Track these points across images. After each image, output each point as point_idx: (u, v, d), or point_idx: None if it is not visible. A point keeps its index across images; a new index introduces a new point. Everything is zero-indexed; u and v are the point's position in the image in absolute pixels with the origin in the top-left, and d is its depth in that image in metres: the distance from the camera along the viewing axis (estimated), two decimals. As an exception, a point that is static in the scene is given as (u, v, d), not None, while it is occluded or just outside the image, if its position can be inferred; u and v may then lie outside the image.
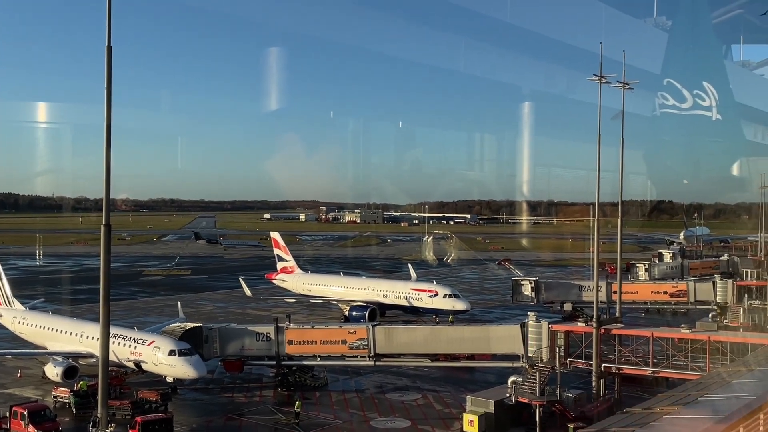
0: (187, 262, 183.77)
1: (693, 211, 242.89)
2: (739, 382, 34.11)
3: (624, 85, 60.86)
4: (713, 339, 54.31)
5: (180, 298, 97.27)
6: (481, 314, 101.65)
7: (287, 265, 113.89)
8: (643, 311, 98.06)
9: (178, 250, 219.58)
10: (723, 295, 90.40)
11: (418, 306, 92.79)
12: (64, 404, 55.16)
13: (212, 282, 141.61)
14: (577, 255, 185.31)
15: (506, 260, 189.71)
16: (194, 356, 56.50)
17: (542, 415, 49.25)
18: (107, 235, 28.36)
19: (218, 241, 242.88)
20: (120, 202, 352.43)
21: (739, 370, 38.86)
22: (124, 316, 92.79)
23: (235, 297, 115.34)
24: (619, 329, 58.20)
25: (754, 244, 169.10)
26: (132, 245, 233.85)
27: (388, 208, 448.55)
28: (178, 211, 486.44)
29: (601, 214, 63.07)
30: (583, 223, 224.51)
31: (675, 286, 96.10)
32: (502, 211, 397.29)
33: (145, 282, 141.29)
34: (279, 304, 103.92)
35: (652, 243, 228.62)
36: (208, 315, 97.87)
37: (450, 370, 65.63)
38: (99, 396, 29.93)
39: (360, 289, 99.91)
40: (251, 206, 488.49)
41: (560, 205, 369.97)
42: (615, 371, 56.19)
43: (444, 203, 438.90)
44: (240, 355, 61.99)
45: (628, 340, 57.33)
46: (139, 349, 57.57)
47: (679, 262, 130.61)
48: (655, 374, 54.71)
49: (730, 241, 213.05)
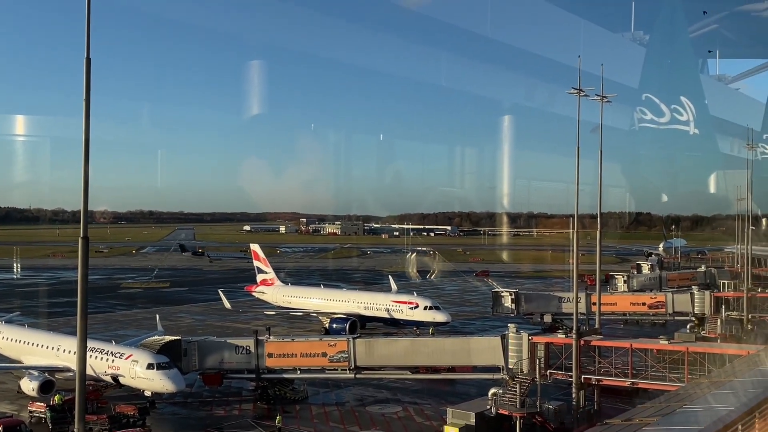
0: (165, 274, 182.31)
1: (671, 222, 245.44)
2: (717, 393, 34.37)
3: (602, 99, 61.37)
4: (691, 350, 54.77)
5: (158, 311, 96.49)
6: (461, 326, 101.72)
7: (267, 277, 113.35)
8: (622, 322, 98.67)
9: (157, 263, 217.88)
10: (701, 306, 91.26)
11: (398, 318, 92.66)
12: (40, 419, 54.26)
13: (191, 294, 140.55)
14: (556, 267, 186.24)
15: (484, 272, 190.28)
16: (173, 370, 55.93)
17: (523, 427, 49.29)
18: (85, 247, 28.04)
19: (204, 254, 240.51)
20: (98, 214, 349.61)
21: (717, 381, 39.16)
22: (101, 330, 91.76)
23: (214, 310, 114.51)
24: (599, 341, 58.49)
25: (730, 255, 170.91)
26: (110, 257, 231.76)
27: (368, 220, 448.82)
28: (157, 223, 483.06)
29: (580, 226, 63.42)
30: (563, 235, 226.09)
31: (653, 297, 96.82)
32: (483, 222, 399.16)
33: (123, 295, 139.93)
34: (259, 316, 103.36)
35: (630, 254, 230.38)
36: (187, 328, 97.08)
37: (431, 383, 65.56)
38: (76, 411, 29.46)
39: (340, 302, 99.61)
40: (231, 218, 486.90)
41: (540, 217, 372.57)
42: (594, 382, 56.43)
43: (425, 215, 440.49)
44: (219, 369, 61.49)
45: (608, 352, 57.65)
46: (116, 362, 56.91)
47: (658, 273, 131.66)
48: (634, 385, 54.99)
49: (707, 252, 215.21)
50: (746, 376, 38.62)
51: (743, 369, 42.39)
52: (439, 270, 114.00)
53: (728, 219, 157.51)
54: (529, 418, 50.28)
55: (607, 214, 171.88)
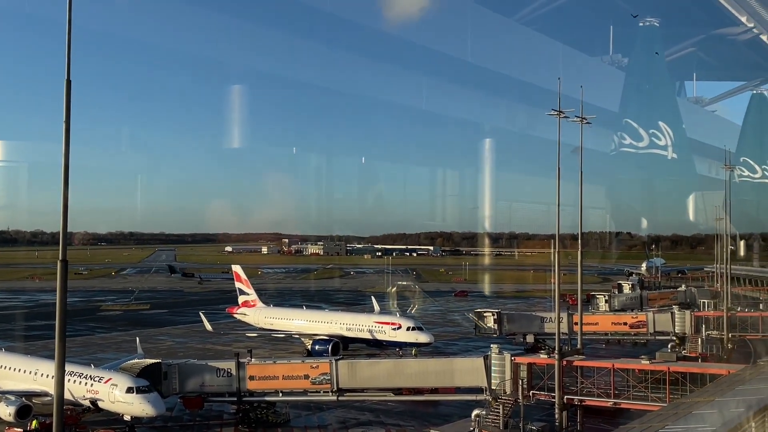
0: (146, 296, 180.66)
1: (651, 242, 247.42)
2: (699, 413, 34.49)
3: (581, 120, 62.02)
4: (673, 370, 55.02)
5: (138, 334, 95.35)
6: (444, 346, 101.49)
7: (249, 298, 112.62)
8: (603, 342, 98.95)
9: (137, 284, 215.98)
10: (681, 325, 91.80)
11: (381, 339, 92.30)
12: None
13: (172, 316, 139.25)
14: (538, 286, 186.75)
15: (463, 292, 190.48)
16: (153, 393, 55.27)
17: (506, 449, 49.16)
18: (64, 270, 27.78)
19: (194, 275, 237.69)
20: (78, 236, 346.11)
21: (699, 401, 39.32)
22: (80, 353, 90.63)
23: (195, 332, 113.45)
24: (581, 361, 58.61)
25: (710, 274, 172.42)
26: (89, 279, 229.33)
27: (351, 241, 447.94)
28: (138, 244, 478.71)
29: (561, 246, 63.82)
30: (544, 255, 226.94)
31: (634, 317, 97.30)
32: (465, 243, 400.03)
33: (103, 317, 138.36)
34: (240, 338, 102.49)
35: (611, 274, 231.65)
36: (168, 351, 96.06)
37: (414, 404, 65.25)
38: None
39: (323, 323, 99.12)
40: (212, 239, 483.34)
41: (521, 237, 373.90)
42: (577, 403, 56.44)
43: (407, 235, 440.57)
44: (200, 392, 60.80)
45: (590, 372, 57.75)
46: (95, 386, 56.12)
47: (638, 293, 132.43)
48: (616, 405, 55.08)
49: (686, 271, 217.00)
50: (728, 396, 38.83)
51: (724, 388, 42.61)
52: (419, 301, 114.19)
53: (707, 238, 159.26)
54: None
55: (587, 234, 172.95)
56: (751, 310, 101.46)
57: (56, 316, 27.49)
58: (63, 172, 27.40)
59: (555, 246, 62.13)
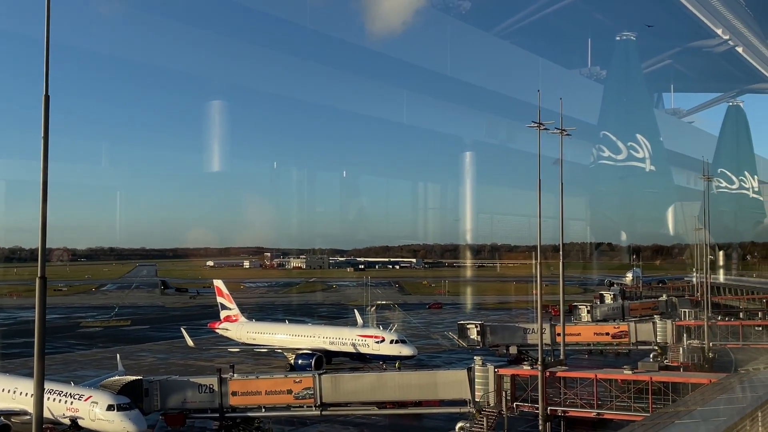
0: (126, 312, 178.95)
1: (632, 253, 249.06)
2: (682, 423, 34.67)
3: (561, 132, 62.50)
4: (655, 380, 55.29)
5: (119, 350, 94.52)
6: (428, 359, 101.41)
7: (231, 313, 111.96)
8: (586, 353, 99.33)
9: (118, 300, 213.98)
10: (663, 335, 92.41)
11: (364, 352, 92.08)
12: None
13: (153, 332, 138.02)
14: (521, 297, 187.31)
15: (437, 304, 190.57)
16: (134, 411, 54.66)
17: (490, 461, 49.09)
18: (42, 288, 27.48)
19: (187, 290, 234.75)
20: (56, 253, 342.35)
21: (681, 410, 39.53)
22: (60, 370, 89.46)
23: (176, 348, 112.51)
24: (564, 371, 58.71)
25: (690, 284, 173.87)
26: (69, 296, 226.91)
27: (333, 254, 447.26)
28: (118, 259, 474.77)
29: (543, 258, 64.09)
30: (526, 266, 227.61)
31: (616, 327, 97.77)
32: (447, 255, 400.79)
33: (83, 334, 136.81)
34: (222, 354, 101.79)
35: (593, 284, 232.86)
36: (149, 367, 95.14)
37: (398, 418, 64.99)
38: (32, 456, 28.58)
39: (306, 337, 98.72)
40: (194, 254, 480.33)
41: (503, 249, 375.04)
42: (561, 414, 56.50)
43: (389, 248, 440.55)
44: (182, 408, 60.17)
45: (573, 383, 57.90)
46: (75, 404, 55.41)
47: (620, 303, 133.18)
48: (599, 416, 55.23)
49: (666, 281, 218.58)
50: (709, 405, 39.07)
51: (707, 397, 42.88)
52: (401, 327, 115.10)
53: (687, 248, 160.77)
54: (496, 451, 50.12)
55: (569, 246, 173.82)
56: (732, 319, 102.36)
57: (35, 333, 27.16)
58: (41, 188, 27.16)
59: (537, 257, 62.41)
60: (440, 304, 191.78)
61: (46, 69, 27.15)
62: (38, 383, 27.65)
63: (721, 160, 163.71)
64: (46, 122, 27.13)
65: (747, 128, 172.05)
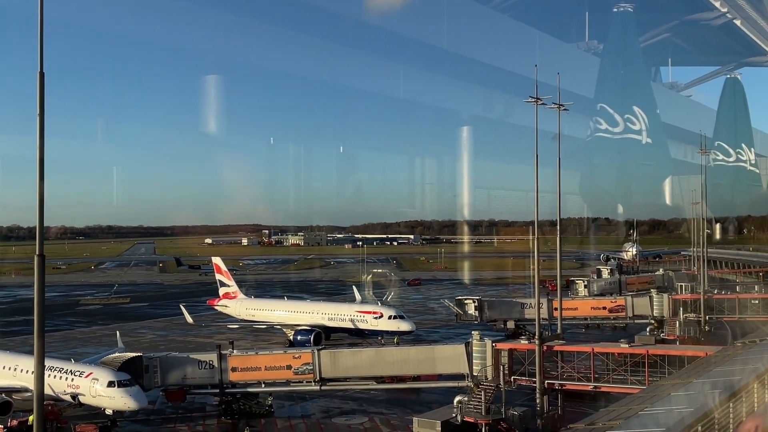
0: (126, 290, 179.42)
1: (629, 227, 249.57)
2: (678, 395, 34.97)
3: (559, 107, 62.32)
4: (651, 353, 55.69)
5: (119, 328, 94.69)
6: (426, 334, 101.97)
7: (230, 290, 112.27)
8: (583, 327, 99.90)
9: (117, 278, 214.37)
10: (659, 309, 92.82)
11: (363, 328, 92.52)
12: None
13: (152, 310, 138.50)
14: (518, 273, 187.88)
15: (416, 281, 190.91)
16: (134, 387, 55.05)
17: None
18: (41, 265, 27.53)
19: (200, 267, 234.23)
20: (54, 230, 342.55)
21: (677, 383, 39.86)
22: (60, 348, 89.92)
23: (176, 325, 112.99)
24: (561, 345, 59.12)
25: (687, 258, 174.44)
26: (68, 274, 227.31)
27: (331, 231, 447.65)
28: (116, 237, 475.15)
29: (540, 233, 64.20)
30: (523, 242, 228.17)
31: (613, 301, 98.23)
32: (445, 231, 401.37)
33: (82, 311, 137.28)
34: (222, 330, 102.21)
35: (590, 259, 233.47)
36: (149, 344, 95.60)
37: (396, 392, 65.56)
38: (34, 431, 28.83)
39: (304, 313, 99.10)
40: (192, 231, 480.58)
41: (500, 224, 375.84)
42: (558, 387, 56.97)
43: (387, 224, 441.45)
44: (182, 384, 60.62)
45: (570, 356, 58.30)
46: (76, 381, 55.80)
47: (617, 277, 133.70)
48: (596, 389, 55.70)
49: (662, 255, 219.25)
50: (705, 377, 39.37)
51: (702, 370, 43.21)
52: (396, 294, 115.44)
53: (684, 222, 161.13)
54: (494, 424, 50.58)
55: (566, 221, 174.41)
56: (728, 293, 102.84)
57: (35, 310, 27.28)
58: (38, 166, 27.11)
59: (534, 232, 62.54)
60: (419, 281, 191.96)
61: (40, 46, 26.97)
62: (39, 360, 27.82)
63: (719, 134, 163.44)
64: (42, 100, 27.00)
65: (745, 101, 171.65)
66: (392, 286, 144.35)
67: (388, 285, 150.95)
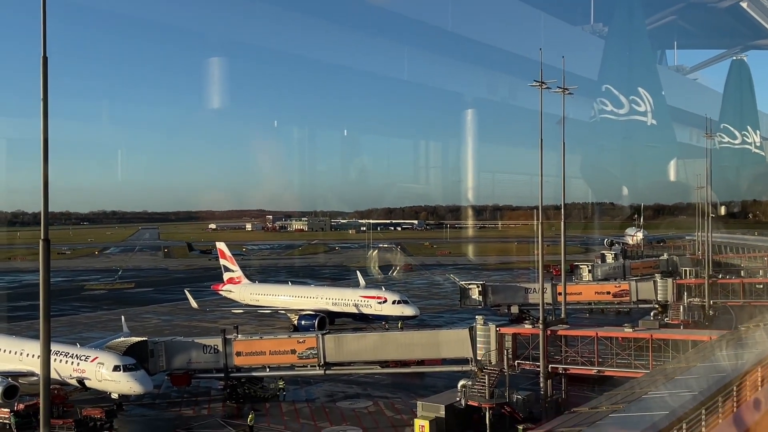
0: (130, 275, 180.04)
1: (634, 212, 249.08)
2: (682, 379, 35.01)
3: (564, 91, 61.99)
4: (655, 337, 55.69)
5: (124, 312, 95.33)
6: (430, 319, 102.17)
7: (234, 275, 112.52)
8: (587, 312, 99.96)
9: (121, 263, 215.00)
10: (663, 293, 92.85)
11: (367, 313, 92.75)
12: (4, 425, 53.35)
13: (157, 295, 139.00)
14: (522, 258, 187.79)
15: (407, 266, 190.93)
16: (139, 371, 55.37)
17: (492, 418, 49.73)
18: (46, 250, 27.55)
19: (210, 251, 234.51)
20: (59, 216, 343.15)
21: (680, 367, 39.90)
22: (65, 333, 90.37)
23: (181, 309, 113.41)
24: (565, 330, 59.14)
25: (692, 242, 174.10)
26: (73, 259, 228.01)
27: (335, 216, 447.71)
28: (120, 223, 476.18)
29: (545, 217, 64.09)
30: (528, 227, 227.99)
31: (617, 286, 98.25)
32: (449, 216, 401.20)
33: (87, 296, 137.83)
34: (226, 315, 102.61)
35: (595, 244, 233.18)
36: (154, 329, 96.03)
37: (400, 376, 65.76)
38: (41, 415, 28.98)
39: (308, 298, 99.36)
40: (196, 217, 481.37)
41: (505, 209, 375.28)
42: (562, 371, 57.04)
43: (391, 210, 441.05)
44: (187, 369, 60.97)
45: (574, 341, 58.33)
46: (82, 365, 56.11)
47: (621, 262, 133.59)
48: (600, 373, 55.79)
49: (665, 240, 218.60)
50: (709, 361, 39.40)
51: (706, 354, 43.23)
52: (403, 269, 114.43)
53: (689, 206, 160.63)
54: (498, 408, 50.76)
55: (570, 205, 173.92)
56: (732, 277, 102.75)
57: (40, 295, 27.34)
58: (42, 151, 27.06)
59: (538, 217, 62.42)
60: (411, 266, 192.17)
61: (43, 30, 26.83)
62: (45, 345, 27.90)
63: (725, 115, 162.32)
64: (45, 85, 26.89)
65: (751, 82, 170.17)
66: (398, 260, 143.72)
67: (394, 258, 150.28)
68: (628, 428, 26.04)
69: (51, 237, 28.23)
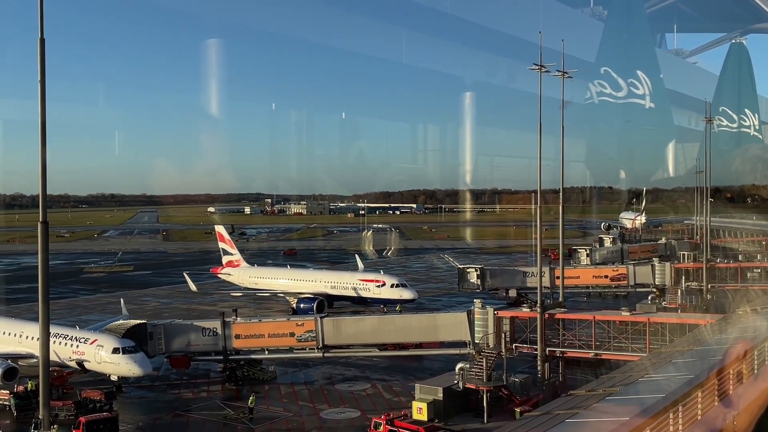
0: (129, 258, 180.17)
1: (632, 196, 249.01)
2: (678, 362, 35.23)
3: (563, 75, 61.79)
4: (652, 321, 55.96)
5: (123, 295, 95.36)
6: (428, 303, 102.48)
7: (233, 258, 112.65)
8: (585, 295, 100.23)
9: (120, 246, 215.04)
10: (661, 277, 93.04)
11: (365, 296, 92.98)
12: (4, 407, 53.65)
13: (156, 278, 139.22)
14: (520, 242, 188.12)
15: (291, 250, 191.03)
16: (139, 353, 55.56)
17: (489, 400, 50.02)
18: (45, 232, 27.63)
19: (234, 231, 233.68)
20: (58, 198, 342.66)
21: (677, 351, 40.14)
22: (65, 315, 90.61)
23: (180, 292, 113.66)
24: (563, 314, 59.40)
25: (690, 227, 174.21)
26: (71, 242, 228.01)
27: (333, 200, 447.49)
28: (119, 206, 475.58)
29: (543, 201, 64.15)
30: (526, 211, 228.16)
31: (615, 270, 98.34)
32: (447, 200, 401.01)
33: (86, 279, 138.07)
34: (225, 298, 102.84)
35: (593, 228, 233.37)
36: (153, 311, 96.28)
37: (398, 359, 66.02)
38: (40, 397, 29.17)
39: (307, 281, 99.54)
40: (195, 200, 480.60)
41: (503, 193, 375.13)
42: (559, 355, 57.39)
43: (389, 193, 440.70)
44: (186, 351, 61.18)
45: (572, 324, 58.60)
46: (81, 348, 56.30)
47: (619, 246, 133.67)
48: (597, 356, 56.06)
49: (662, 224, 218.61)
50: (706, 345, 39.65)
51: (703, 338, 43.49)
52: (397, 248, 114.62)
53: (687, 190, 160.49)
54: (495, 391, 51.02)
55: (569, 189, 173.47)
56: (730, 261, 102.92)
57: (39, 277, 27.42)
58: (40, 133, 27.05)
59: (537, 201, 62.47)
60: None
61: (40, 12, 26.73)
62: (44, 327, 28.04)
63: (723, 99, 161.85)
64: (42, 66, 26.84)
65: (749, 66, 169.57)
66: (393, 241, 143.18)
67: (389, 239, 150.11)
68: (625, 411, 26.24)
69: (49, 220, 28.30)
